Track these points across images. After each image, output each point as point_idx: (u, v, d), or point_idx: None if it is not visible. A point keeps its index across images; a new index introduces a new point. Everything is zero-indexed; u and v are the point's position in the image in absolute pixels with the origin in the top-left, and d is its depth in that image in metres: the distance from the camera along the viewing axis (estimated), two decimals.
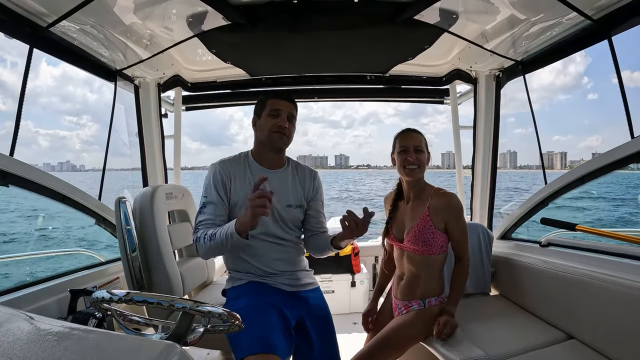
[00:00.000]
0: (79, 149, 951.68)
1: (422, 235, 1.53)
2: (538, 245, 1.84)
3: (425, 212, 1.54)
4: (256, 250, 1.42)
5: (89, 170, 45.67)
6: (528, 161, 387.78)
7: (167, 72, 2.23)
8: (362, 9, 1.62)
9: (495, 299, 1.98)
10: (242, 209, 1.37)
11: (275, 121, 1.42)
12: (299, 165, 1.59)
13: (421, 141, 1.58)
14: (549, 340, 1.47)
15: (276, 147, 1.46)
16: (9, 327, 0.52)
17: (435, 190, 1.58)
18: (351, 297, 2.80)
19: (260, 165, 1.48)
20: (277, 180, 1.46)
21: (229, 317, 0.86)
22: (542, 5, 1.52)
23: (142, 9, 1.55)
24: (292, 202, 1.48)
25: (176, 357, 0.47)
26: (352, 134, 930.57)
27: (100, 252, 2.13)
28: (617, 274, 1.34)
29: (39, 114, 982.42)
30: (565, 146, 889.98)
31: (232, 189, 1.42)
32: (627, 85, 1.58)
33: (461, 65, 2.31)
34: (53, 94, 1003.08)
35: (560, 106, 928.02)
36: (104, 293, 0.86)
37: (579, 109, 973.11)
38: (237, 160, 1.48)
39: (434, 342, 1.48)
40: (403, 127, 1.64)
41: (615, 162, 1.50)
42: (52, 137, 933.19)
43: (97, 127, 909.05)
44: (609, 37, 1.51)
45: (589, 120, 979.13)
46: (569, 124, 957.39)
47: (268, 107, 1.43)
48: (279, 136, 1.42)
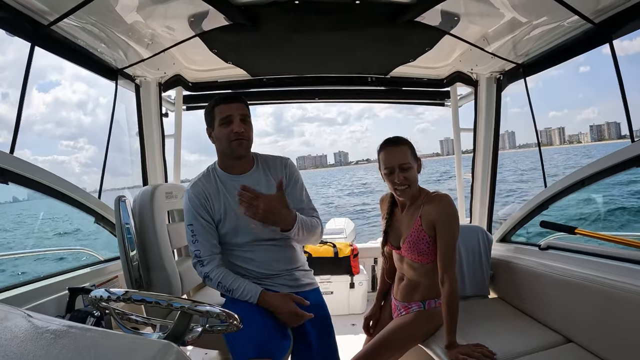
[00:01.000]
0: (78, 172, 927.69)
1: (417, 246, 1.49)
2: (537, 249, 1.84)
3: (417, 222, 1.49)
4: (252, 256, 1.42)
5: (91, 192, 46.68)
6: (527, 139, 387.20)
7: (168, 72, 2.23)
8: (364, 10, 1.62)
9: (494, 302, 1.97)
10: (225, 223, 1.40)
11: (230, 128, 1.34)
12: (268, 158, 1.51)
13: (406, 154, 1.46)
14: (548, 344, 1.47)
15: (239, 155, 1.40)
16: (6, 324, 0.52)
17: (428, 195, 1.51)
18: (350, 299, 2.80)
19: (229, 174, 1.43)
20: (251, 183, 1.41)
21: (227, 317, 0.86)
22: (543, 8, 1.52)
23: (144, 8, 1.55)
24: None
25: (173, 356, 0.47)
26: (349, 130, 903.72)
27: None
28: (617, 278, 1.34)
29: (35, 142, 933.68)
30: (562, 121, 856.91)
31: (212, 207, 1.39)
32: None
33: (462, 67, 2.31)
34: (47, 120, 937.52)
35: (553, 81, 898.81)
36: (103, 292, 0.86)
37: (572, 82, 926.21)
38: (206, 177, 1.44)
39: (433, 344, 1.47)
40: (398, 119, 1.55)
41: (616, 166, 1.49)
42: (50, 163, 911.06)
43: (94, 149, 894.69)
44: (610, 41, 1.52)
45: (582, 93, 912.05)
46: (564, 99, 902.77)
47: (217, 115, 1.36)
48: (238, 143, 1.36)
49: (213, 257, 1.37)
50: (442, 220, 1.44)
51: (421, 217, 1.48)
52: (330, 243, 2.86)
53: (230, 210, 1.40)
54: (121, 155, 2.33)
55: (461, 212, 2.64)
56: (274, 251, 1.43)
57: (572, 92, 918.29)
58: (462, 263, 1.96)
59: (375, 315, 1.72)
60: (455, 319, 1.39)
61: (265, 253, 1.42)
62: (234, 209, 1.39)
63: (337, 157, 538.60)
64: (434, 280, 1.49)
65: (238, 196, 1.28)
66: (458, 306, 1.41)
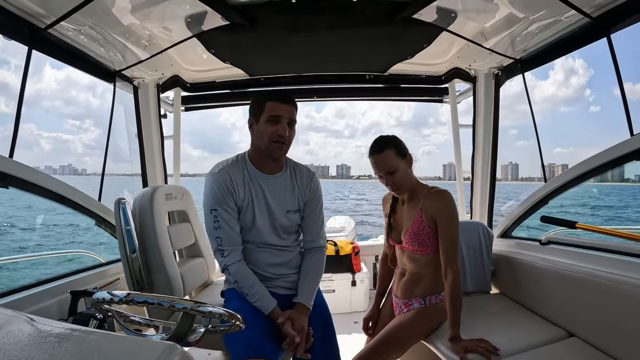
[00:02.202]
0: (81, 152, 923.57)
1: (418, 237, 1.51)
2: (538, 243, 1.84)
3: (418, 214, 1.51)
4: (254, 257, 1.42)
5: (91, 174, 45.76)
6: (530, 173, 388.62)
7: (166, 73, 2.23)
8: (361, 8, 1.62)
9: (496, 297, 1.98)
10: (246, 214, 1.38)
11: (275, 129, 1.31)
12: (297, 165, 1.52)
13: (391, 159, 1.48)
14: (550, 338, 1.47)
15: (275, 157, 1.38)
16: (9, 329, 0.52)
17: (429, 190, 1.53)
18: (352, 297, 2.80)
19: (259, 171, 1.41)
20: (276, 185, 1.42)
21: (230, 318, 0.86)
22: (540, 3, 1.52)
23: (140, 10, 1.54)
24: (291, 207, 1.44)
25: (177, 357, 0.47)
26: (354, 144, 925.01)
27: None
28: (618, 272, 1.34)
29: (42, 117, 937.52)
30: (567, 158, 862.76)
31: (237, 196, 1.36)
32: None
33: (460, 63, 2.31)
34: (56, 97, 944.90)
35: (562, 118, 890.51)
36: (105, 294, 0.86)
37: (581, 121, 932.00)
38: (235, 165, 1.41)
39: (436, 341, 1.48)
40: (404, 138, 1.53)
41: (615, 160, 1.49)
42: (54, 140, 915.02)
43: (99, 132, 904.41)
44: (608, 35, 1.51)
45: (591, 132, 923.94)
46: (571, 137, 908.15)
47: (267, 111, 1.32)
48: (278, 146, 1.34)
49: (235, 248, 1.35)
50: (444, 216, 1.46)
51: (422, 209, 1.51)
52: (331, 241, 2.86)
53: (250, 205, 1.38)
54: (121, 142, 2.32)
55: (461, 208, 2.64)
56: (275, 255, 1.43)
57: (581, 130, 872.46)
58: (464, 259, 1.96)
59: (374, 316, 1.72)
60: (459, 311, 1.40)
61: (267, 256, 1.42)
62: (254, 205, 1.38)
63: (339, 170, 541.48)
64: (435, 273, 1.51)
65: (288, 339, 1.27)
66: (461, 298, 1.42)
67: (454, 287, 1.41)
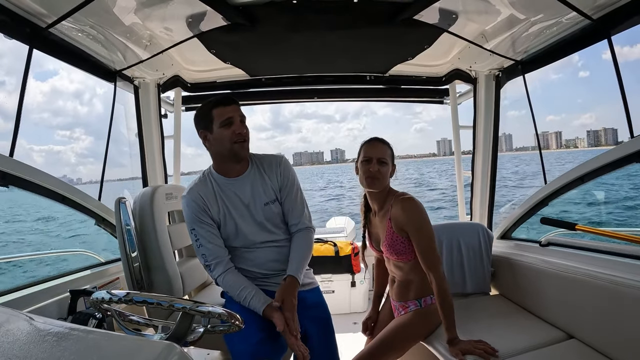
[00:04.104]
0: (74, 162, 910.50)
1: (394, 248, 1.51)
2: (538, 245, 1.84)
3: (389, 225, 1.51)
4: (250, 257, 1.43)
5: (87, 182, 45.50)
6: (524, 143, 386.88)
7: (166, 73, 2.23)
8: (362, 9, 1.62)
9: (495, 299, 1.97)
10: (224, 229, 1.41)
11: (232, 130, 1.34)
12: (262, 157, 1.51)
13: (386, 152, 1.52)
14: (549, 340, 1.47)
15: (240, 157, 1.40)
16: (8, 327, 0.52)
17: (396, 197, 1.52)
18: (351, 297, 2.80)
19: (227, 178, 1.43)
20: (247, 184, 1.42)
21: (229, 317, 0.86)
22: (541, 5, 1.52)
23: (141, 10, 1.55)
24: (266, 198, 1.44)
25: (176, 357, 0.47)
26: (346, 127, 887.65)
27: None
28: (618, 274, 1.34)
29: (31, 131, 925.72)
30: (560, 125, 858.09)
31: (210, 211, 1.39)
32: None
33: (461, 65, 2.31)
34: (43, 109, 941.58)
35: (552, 85, 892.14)
36: (104, 293, 0.86)
37: (571, 87, 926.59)
38: (202, 182, 1.43)
39: (435, 342, 1.48)
40: (396, 117, 1.60)
41: (616, 162, 1.49)
42: (46, 152, 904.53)
43: (90, 140, 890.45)
44: (609, 37, 1.51)
45: (581, 98, 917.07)
46: (562, 103, 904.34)
47: (217, 118, 1.35)
48: (240, 145, 1.36)
49: (219, 260, 1.37)
50: (412, 226, 1.46)
51: (391, 219, 1.50)
52: (331, 242, 2.86)
53: (228, 215, 1.40)
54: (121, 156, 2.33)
55: (461, 209, 2.64)
56: (271, 252, 1.44)
57: (571, 96, 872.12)
58: (463, 260, 1.96)
59: (373, 318, 1.73)
60: (452, 315, 1.39)
61: (263, 254, 1.43)
62: (232, 214, 1.40)
63: (333, 155, 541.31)
64: (422, 276, 1.50)
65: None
66: (452, 301, 1.41)
67: (441, 292, 1.40)
